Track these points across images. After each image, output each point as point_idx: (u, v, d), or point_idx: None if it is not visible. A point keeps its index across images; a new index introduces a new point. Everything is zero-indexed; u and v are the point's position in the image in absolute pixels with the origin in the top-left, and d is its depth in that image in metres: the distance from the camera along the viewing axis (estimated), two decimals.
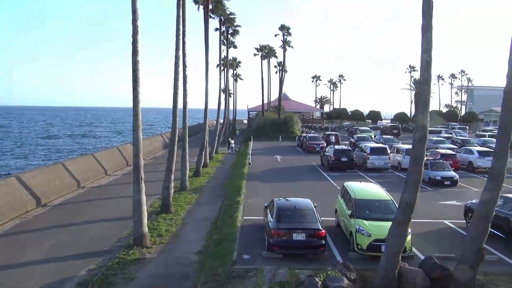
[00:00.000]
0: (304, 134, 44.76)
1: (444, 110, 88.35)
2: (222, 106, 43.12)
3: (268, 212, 13.59)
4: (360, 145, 31.95)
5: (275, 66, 64.68)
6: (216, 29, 40.84)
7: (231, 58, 62.22)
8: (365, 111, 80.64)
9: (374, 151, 28.57)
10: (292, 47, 57.98)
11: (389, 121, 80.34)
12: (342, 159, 28.05)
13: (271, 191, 20.89)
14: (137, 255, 12.84)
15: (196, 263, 12.44)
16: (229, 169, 30.57)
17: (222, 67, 50.51)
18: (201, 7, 30.01)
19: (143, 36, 19.76)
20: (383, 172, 28.16)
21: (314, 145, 38.78)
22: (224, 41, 46.09)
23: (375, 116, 77.43)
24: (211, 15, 33.61)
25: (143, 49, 19.53)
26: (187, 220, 17.21)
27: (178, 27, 18.84)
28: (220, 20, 38.80)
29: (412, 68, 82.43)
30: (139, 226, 13.59)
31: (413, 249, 12.81)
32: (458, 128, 59.63)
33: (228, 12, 38.86)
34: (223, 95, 46.63)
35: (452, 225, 15.93)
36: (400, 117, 77.87)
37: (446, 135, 47.87)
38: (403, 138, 57.94)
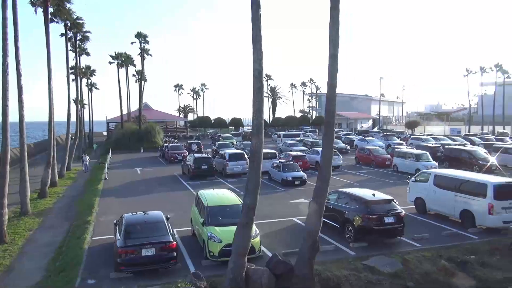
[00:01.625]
0: (166, 144, 43.93)
1: (298, 115, 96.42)
2: (73, 118, 39.65)
3: (117, 229, 12.79)
4: (220, 152, 32.67)
5: (134, 75, 62.19)
6: (62, 35, 37.36)
7: (84, 66, 57.76)
8: (228, 118, 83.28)
9: (232, 157, 29.48)
10: (151, 55, 56.57)
11: (251, 127, 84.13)
12: (202, 167, 28.26)
13: (127, 206, 19.82)
14: None
15: None
16: (82, 186, 28.13)
17: (73, 76, 46.54)
18: (40, 9, 27.12)
19: None
20: (242, 177, 29.22)
21: (176, 155, 38.33)
22: (73, 48, 42.46)
23: (237, 123, 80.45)
24: (53, 19, 30.65)
25: None
26: (26, 248, 15.17)
27: (5, 30, 16.64)
28: (65, 25, 35.56)
29: (268, 77, 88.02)
30: None
31: (263, 249, 13.48)
32: (310, 131, 65.61)
33: (75, 17, 35.91)
34: (74, 106, 42.94)
35: (299, 222, 17.20)
36: None
37: (301, 138, 52.09)
38: (264, 142, 61.54)
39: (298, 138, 50.18)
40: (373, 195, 14.63)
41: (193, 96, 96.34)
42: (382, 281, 11.12)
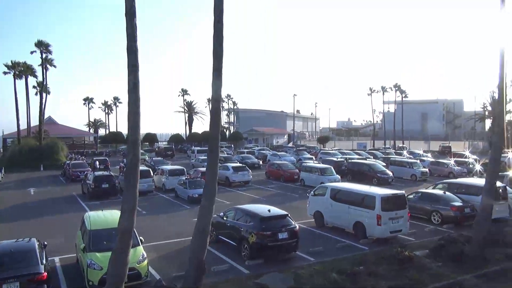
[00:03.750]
0: (68, 161, 40.74)
1: None
2: None
3: None
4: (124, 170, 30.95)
5: (35, 87, 57.17)
6: None
7: None
8: (142, 133, 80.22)
9: None
10: (55, 66, 52.71)
11: (166, 143, 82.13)
12: (103, 185, 26.43)
13: (6, 233, 17.61)
14: None
15: None
16: None
17: None
18: None
19: None
20: (147, 195, 27.89)
21: (78, 173, 35.60)
22: None
23: (151, 138, 77.83)
24: None
25: None
26: None
27: None
28: None
29: (184, 92, 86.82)
30: None
31: (154, 273, 12.67)
32: (225, 147, 65.57)
33: None
34: None
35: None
36: (175, 139, 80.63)
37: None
38: (177, 158, 60.10)
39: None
40: (269, 211, 14.58)
41: (105, 111, 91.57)
42: None
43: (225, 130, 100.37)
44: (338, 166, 35.14)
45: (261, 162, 45.69)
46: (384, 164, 37.01)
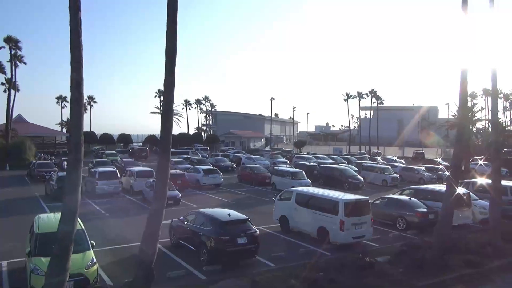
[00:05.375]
0: (34, 161, 39.40)
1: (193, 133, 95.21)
2: None
3: None
4: (91, 170, 30.11)
5: (3, 84, 55.26)
6: None
7: None
8: (116, 134, 78.77)
9: (103, 175, 27.27)
10: (25, 63, 51.20)
11: (141, 144, 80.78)
12: None
13: None
14: None
15: None
16: None
17: None
18: None
19: None
20: (114, 197, 27.14)
21: (43, 173, 34.43)
22: None
23: (126, 139, 76.41)
24: None
25: None
26: None
27: None
28: None
29: (161, 93, 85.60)
30: None
31: (106, 278, 12.16)
32: (201, 149, 64.92)
33: None
34: None
35: (158, 245, 16.03)
36: (151, 140, 79.41)
37: (189, 156, 50.91)
38: (152, 160, 59.01)
39: (185, 156, 49.00)
40: (229, 215, 14.23)
41: None
42: None
43: (201, 132, 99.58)
44: (311, 170, 35.11)
45: (234, 165, 45.28)
46: (357, 169, 37.21)
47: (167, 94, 9.79)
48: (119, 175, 28.60)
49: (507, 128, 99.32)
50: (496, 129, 18.66)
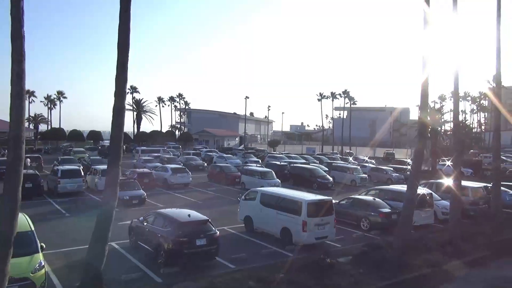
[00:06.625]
0: None
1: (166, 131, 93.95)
2: None
3: None
4: (54, 168, 29.09)
5: None
6: None
7: None
8: (86, 131, 76.81)
9: (66, 174, 26.36)
10: None
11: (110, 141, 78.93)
12: (26, 185, 24.25)
13: None
14: None
15: None
16: None
17: None
18: None
19: None
20: (78, 196, 26.30)
21: (3, 170, 32.93)
22: None
23: (95, 136, 74.61)
24: None
25: None
26: None
27: None
28: None
29: (133, 89, 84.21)
30: None
31: (56, 282, 11.65)
32: (173, 147, 64.04)
33: None
34: None
35: (116, 246, 15.58)
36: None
37: (160, 154, 50.06)
38: (122, 158, 57.70)
39: (156, 154, 48.16)
40: (189, 215, 13.90)
41: (47, 105, 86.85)
42: None
43: (175, 130, 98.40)
44: (281, 170, 35.06)
45: (205, 164, 44.80)
46: (327, 169, 37.41)
47: (119, 90, 9.36)
48: (82, 173, 27.72)
49: (473, 129, 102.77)
50: (457, 131, 18.97)
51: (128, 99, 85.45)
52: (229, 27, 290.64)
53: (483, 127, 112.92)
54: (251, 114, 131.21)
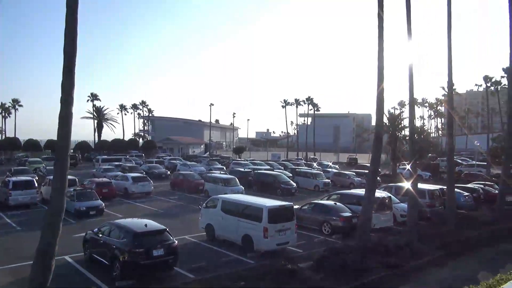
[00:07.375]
0: None
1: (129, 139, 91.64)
2: None
3: None
4: (6, 180, 27.57)
5: None
6: None
7: None
8: (44, 140, 73.66)
9: (17, 185, 25.05)
10: None
11: (72, 150, 76.18)
12: None
13: None
14: None
15: None
16: None
17: None
18: None
19: None
20: (31, 208, 25.03)
21: None
22: None
23: (53, 145, 71.44)
24: None
25: None
26: None
27: None
28: None
29: (94, 97, 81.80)
30: None
31: None
32: (135, 156, 62.55)
33: None
34: None
35: (70, 260, 14.86)
36: (82, 146, 75.29)
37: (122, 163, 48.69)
38: (82, 167, 55.79)
39: (117, 163, 46.82)
40: (145, 225, 13.45)
41: (1, 114, 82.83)
42: None
43: (138, 138, 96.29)
44: (245, 177, 34.90)
45: (169, 172, 43.96)
46: (291, 175, 37.59)
47: (65, 95, 8.90)
48: (36, 184, 26.44)
49: (431, 134, 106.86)
50: (412, 136, 19.52)
51: (89, 106, 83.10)
52: (191, 33, 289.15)
53: (440, 132, 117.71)
54: (217, 121, 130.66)
